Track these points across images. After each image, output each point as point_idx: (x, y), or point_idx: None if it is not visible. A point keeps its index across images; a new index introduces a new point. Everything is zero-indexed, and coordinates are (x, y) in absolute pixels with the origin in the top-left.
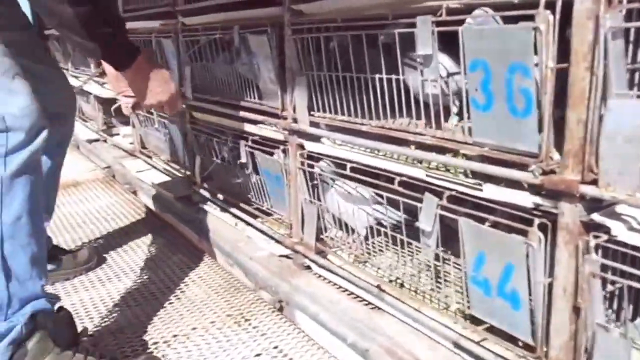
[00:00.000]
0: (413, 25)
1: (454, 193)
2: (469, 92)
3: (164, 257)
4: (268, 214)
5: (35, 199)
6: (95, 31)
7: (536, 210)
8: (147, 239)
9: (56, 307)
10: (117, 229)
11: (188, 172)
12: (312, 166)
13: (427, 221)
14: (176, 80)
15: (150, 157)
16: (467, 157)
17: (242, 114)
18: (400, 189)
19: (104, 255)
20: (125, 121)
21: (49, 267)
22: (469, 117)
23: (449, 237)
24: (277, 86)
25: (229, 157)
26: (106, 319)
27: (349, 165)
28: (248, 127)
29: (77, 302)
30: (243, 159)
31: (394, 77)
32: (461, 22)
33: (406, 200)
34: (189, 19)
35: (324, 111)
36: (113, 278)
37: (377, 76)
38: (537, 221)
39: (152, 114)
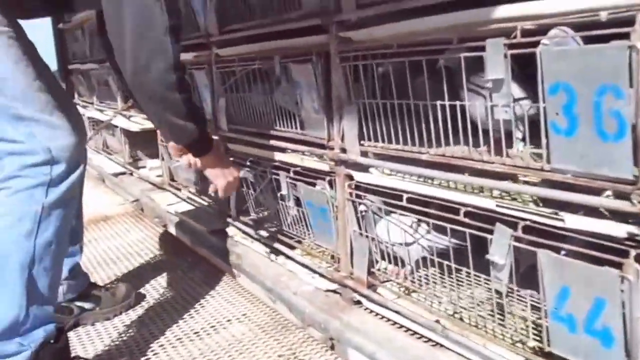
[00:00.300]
0: (479, 48)
1: (528, 223)
2: (547, 116)
3: (202, 292)
4: (309, 246)
5: (66, 229)
6: (195, 115)
7: (630, 241)
8: (183, 274)
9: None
10: (152, 264)
11: (222, 205)
12: (361, 197)
13: (499, 253)
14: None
15: (179, 189)
16: (535, 184)
17: (282, 144)
18: (467, 220)
19: (141, 291)
20: (152, 154)
21: (88, 305)
22: (537, 143)
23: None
24: (322, 116)
25: (267, 189)
26: None
27: (405, 195)
28: (289, 158)
29: (120, 342)
30: (284, 191)
31: (458, 103)
32: (533, 44)
33: (473, 231)
34: (224, 50)
35: (374, 140)
36: (154, 316)
37: (438, 103)
38: (633, 252)
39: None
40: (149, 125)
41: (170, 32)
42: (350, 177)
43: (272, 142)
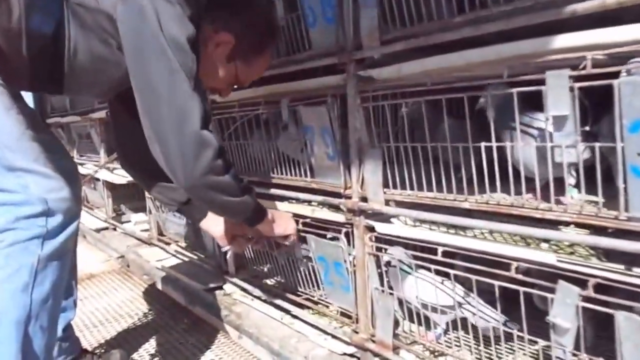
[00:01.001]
0: (534, 82)
1: (599, 281)
2: (625, 157)
3: (202, 357)
4: (318, 303)
5: (62, 284)
6: (245, 187)
7: None
8: (180, 336)
9: None
10: (144, 326)
11: (217, 260)
12: (382, 250)
13: (564, 315)
14: None
15: (169, 243)
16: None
17: (289, 194)
18: (520, 277)
19: (136, 358)
20: (137, 208)
21: None
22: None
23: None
24: (338, 162)
25: (270, 242)
26: None
27: (440, 249)
28: (297, 209)
29: None
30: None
31: (508, 144)
32: (603, 76)
33: (527, 289)
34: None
35: (400, 187)
36: None
37: (483, 144)
38: None
39: None
40: None
41: (204, 122)
42: (371, 229)
43: (277, 192)
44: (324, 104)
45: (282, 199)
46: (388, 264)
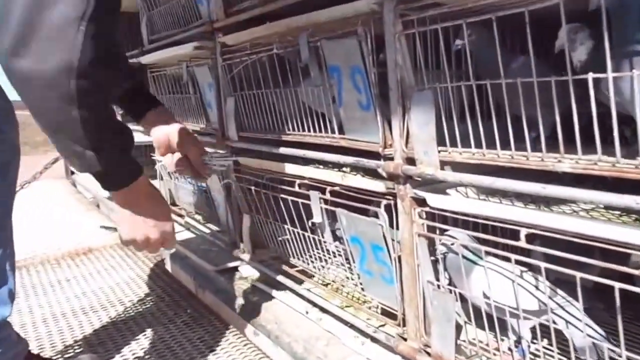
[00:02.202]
0: None
1: None
2: None
3: (211, 357)
4: (351, 296)
5: None
6: (98, 139)
7: None
8: (180, 332)
9: None
10: (138, 317)
11: (232, 237)
12: (438, 231)
13: None
14: (215, 119)
15: (182, 215)
16: None
17: (312, 154)
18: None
19: (125, 356)
20: (151, 175)
21: None
22: None
23: None
24: (374, 111)
25: (293, 216)
26: None
27: (523, 231)
28: (323, 174)
29: None
30: (317, 219)
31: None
32: None
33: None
34: (232, 37)
35: (456, 145)
36: None
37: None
38: None
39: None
40: (146, 139)
41: (89, 21)
42: (422, 202)
43: (298, 153)
44: (354, 35)
45: (305, 161)
46: (446, 250)
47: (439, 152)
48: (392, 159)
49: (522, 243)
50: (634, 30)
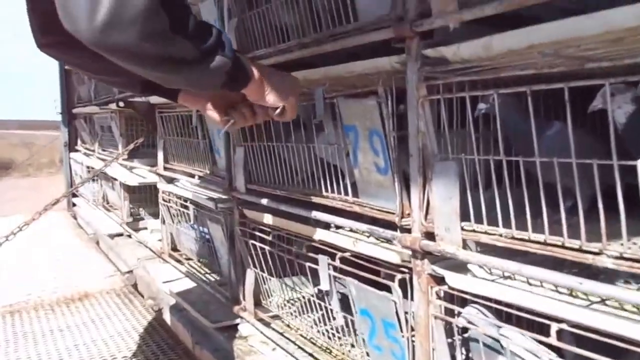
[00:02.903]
0: None
1: None
2: None
3: None
4: None
5: None
6: (212, 45)
7: None
8: None
9: None
10: None
11: (233, 291)
12: (457, 314)
13: None
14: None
15: (180, 262)
16: None
17: (323, 217)
18: None
19: None
20: (155, 212)
21: None
22: None
23: None
24: (392, 177)
25: (300, 279)
26: None
27: (554, 326)
28: (334, 238)
29: None
30: (324, 286)
31: None
32: None
33: None
34: None
35: (481, 221)
36: None
37: None
38: None
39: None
40: (151, 178)
41: None
42: (440, 280)
43: (308, 213)
44: (373, 95)
45: (316, 222)
46: (466, 335)
47: (462, 228)
48: (409, 230)
49: (552, 340)
50: None
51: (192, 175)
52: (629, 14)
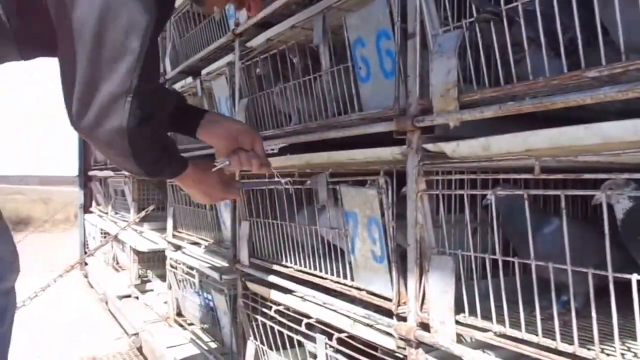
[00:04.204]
0: None
1: None
2: None
3: None
4: None
5: None
6: (154, 169)
7: None
8: None
9: None
10: None
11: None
12: None
13: None
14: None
15: (185, 327)
16: None
17: (323, 297)
18: None
19: None
20: (163, 275)
21: None
22: None
23: None
24: (388, 266)
25: (298, 353)
26: None
27: None
28: (333, 318)
29: None
30: None
31: None
32: None
33: None
34: None
35: (476, 314)
36: None
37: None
38: None
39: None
40: (161, 244)
41: (134, 94)
42: None
43: (308, 292)
44: (373, 185)
45: (317, 302)
46: None
47: (457, 322)
48: (405, 319)
49: None
50: None
51: (199, 244)
52: (628, 127)
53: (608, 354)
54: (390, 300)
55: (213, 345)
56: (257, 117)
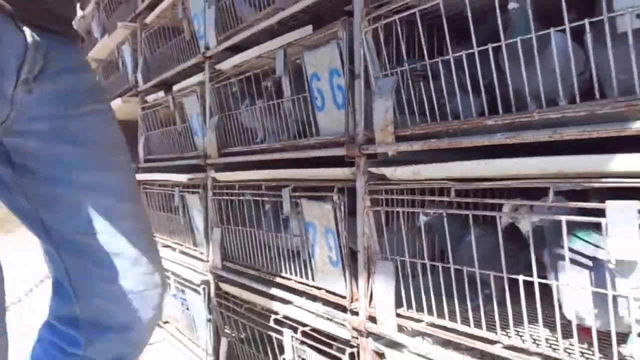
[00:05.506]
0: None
1: None
2: None
3: None
4: None
5: None
6: None
7: None
8: None
9: None
10: None
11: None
12: None
13: None
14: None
15: (160, 326)
16: None
17: (288, 296)
18: None
19: None
20: None
21: None
22: None
23: None
24: (342, 270)
25: (269, 348)
26: None
27: None
28: (298, 314)
29: None
30: (288, 355)
31: (554, 283)
32: None
33: None
34: (223, 175)
35: (417, 309)
36: None
37: (521, 278)
38: None
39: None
40: None
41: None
42: (381, 355)
43: (275, 292)
44: (329, 200)
45: (281, 300)
46: None
47: (397, 314)
48: (357, 313)
49: None
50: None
51: (174, 248)
52: (515, 163)
53: (509, 337)
54: (344, 297)
55: (188, 342)
56: (227, 134)
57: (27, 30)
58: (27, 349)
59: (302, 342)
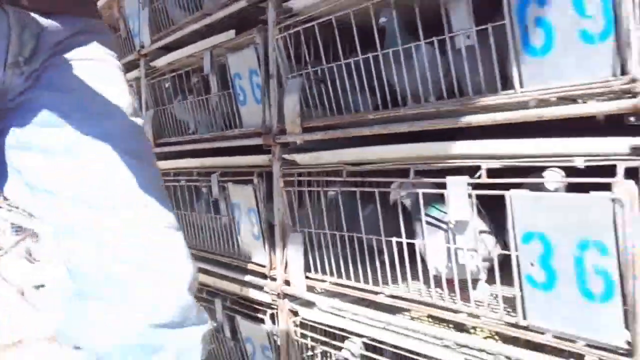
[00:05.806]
0: (441, 185)
1: None
2: (520, 266)
3: None
4: None
5: None
6: None
7: None
8: None
9: None
10: None
11: None
12: (307, 336)
13: None
14: None
15: None
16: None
17: (218, 270)
18: None
19: None
20: None
21: None
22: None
23: None
24: (263, 242)
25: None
26: None
27: (359, 340)
28: (226, 285)
29: None
30: (219, 321)
31: (417, 241)
32: (502, 185)
33: None
34: (158, 163)
35: (322, 272)
36: None
37: (394, 240)
38: None
39: None
40: None
41: None
42: (295, 313)
43: (209, 266)
44: (250, 183)
45: (214, 274)
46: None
47: (306, 277)
48: (275, 279)
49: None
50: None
51: None
52: (389, 149)
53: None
54: (265, 266)
55: None
56: (162, 126)
57: (10, 11)
58: None
59: (232, 309)
